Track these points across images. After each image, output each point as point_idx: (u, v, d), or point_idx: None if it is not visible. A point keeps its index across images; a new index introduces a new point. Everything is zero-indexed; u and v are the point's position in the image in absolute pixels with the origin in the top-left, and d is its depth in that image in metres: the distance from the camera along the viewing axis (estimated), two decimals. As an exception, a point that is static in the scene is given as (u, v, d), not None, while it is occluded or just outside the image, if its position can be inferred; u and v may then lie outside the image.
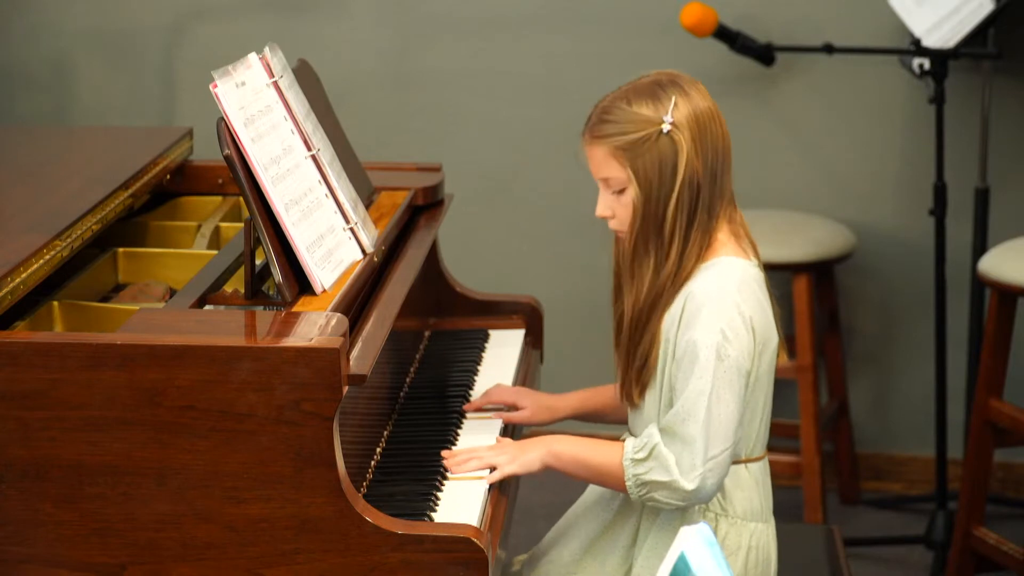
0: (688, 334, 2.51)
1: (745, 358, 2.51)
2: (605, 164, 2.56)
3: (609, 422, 2.90)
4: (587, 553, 2.74)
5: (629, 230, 2.57)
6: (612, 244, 2.69)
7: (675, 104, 2.52)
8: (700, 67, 4.28)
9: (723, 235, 2.59)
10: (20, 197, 2.88)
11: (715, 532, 2.60)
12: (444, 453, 2.65)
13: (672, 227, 2.53)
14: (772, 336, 2.59)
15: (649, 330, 2.58)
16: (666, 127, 2.51)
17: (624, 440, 2.60)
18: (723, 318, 2.49)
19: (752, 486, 2.63)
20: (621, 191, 2.56)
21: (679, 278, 2.55)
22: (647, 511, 2.66)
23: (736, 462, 2.60)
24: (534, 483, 4.19)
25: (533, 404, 2.89)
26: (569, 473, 2.61)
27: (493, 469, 2.60)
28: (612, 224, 2.61)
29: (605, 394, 2.87)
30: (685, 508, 2.55)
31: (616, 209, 2.58)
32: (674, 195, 2.52)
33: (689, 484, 2.48)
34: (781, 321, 2.65)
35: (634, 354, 2.61)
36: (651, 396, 2.61)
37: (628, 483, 2.53)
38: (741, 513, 2.62)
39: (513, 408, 2.89)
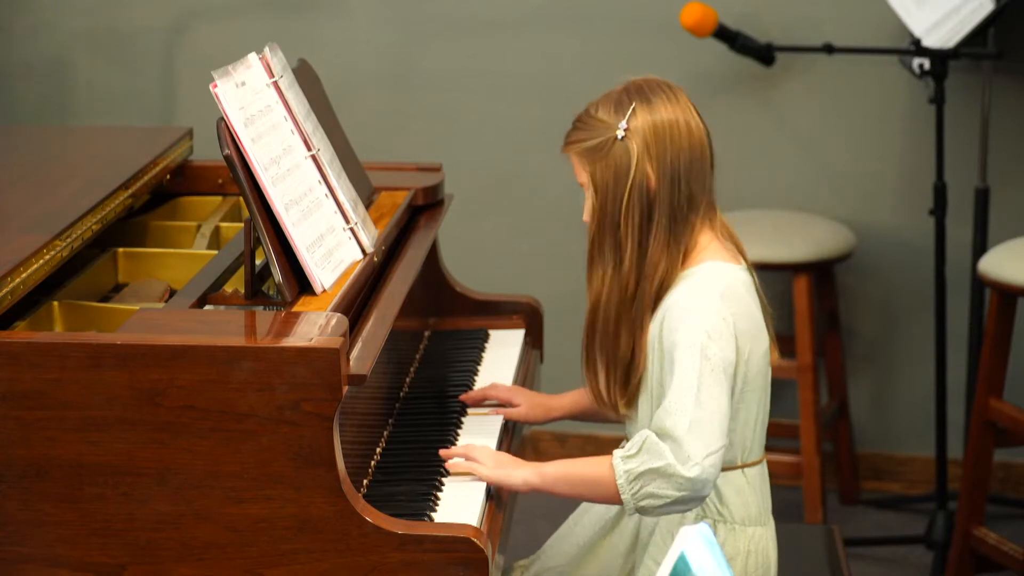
0: (671, 338, 2.51)
1: (730, 359, 2.50)
2: (578, 169, 2.60)
3: (604, 421, 2.89)
4: (587, 558, 2.74)
5: (587, 234, 2.59)
6: None
7: (633, 111, 2.54)
8: (700, 67, 4.28)
9: (705, 239, 2.59)
10: (20, 197, 2.88)
11: (713, 537, 2.59)
12: (442, 452, 2.64)
13: (625, 233, 2.55)
14: (760, 341, 2.57)
15: (620, 339, 2.57)
16: (620, 133, 2.54)
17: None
18: (706, 322, 2.49)
19: (749, 491, 2.62)
20: None
21: (643, 287, 2.54)
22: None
23: (732, 467, 2.60)
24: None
25: (528, 402, 2.90)
26: (557, 492, 2.57)
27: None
28: None
29: None
30: (685, 504, 2.50)
31: None
32: (624, 201, 2.53)
33: (687, 472, 2.44)
34: (777, 321, 2.65)
35: (613, 362, 2.61)
36: (644, 405, 2.60)
37: (619, 481, 2.47)
38: (739, 518, 2.61)
39: (508, 405, 2.89)
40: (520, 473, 2.57)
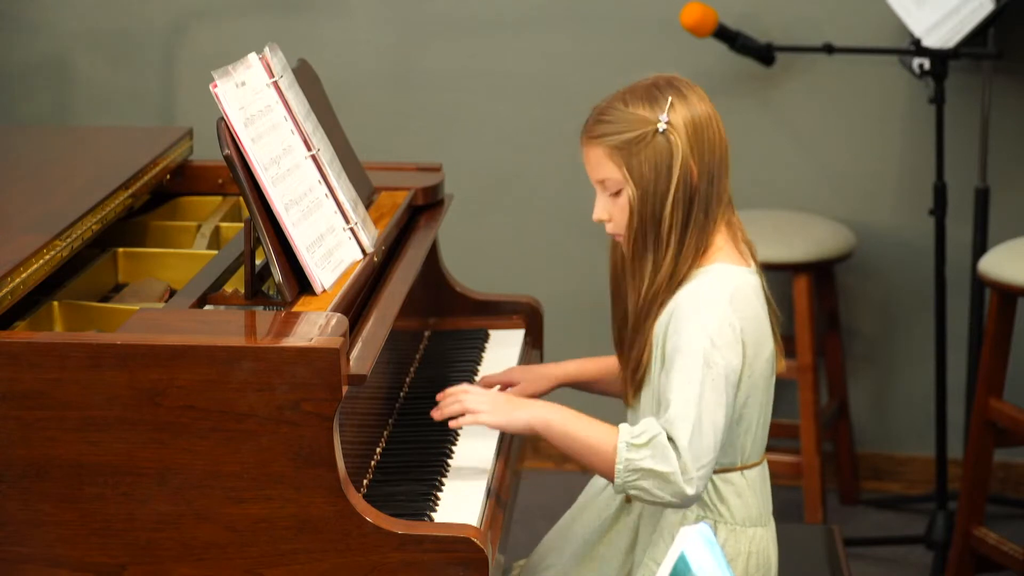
0: (675, 340, 2.50)
1: (734, 367, 2.50)
2: (601, 165, 2.56)
3: (602, 392, 2.88)
4: (586, 557, 2.74)
5: (627, 231, 2.57)
6: (610, 247, 2.68)
7: (671, 104, 2.52)
8: (700, 67, 4.28)
9: (721, 239, 2.58)
10: (20, 197, 2.88)
11: (713, 538, 2.59)
12: (435, 414, 2.64)
13: (669, 227, 2.53)
14: (766, 345, 2.57)
15: (643, 332, 2.58)
16: (661, 126, 2.51)
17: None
18: (711, 326, 2.48)
19: (749, 492, 2.62)
20: (617, 193, 2.56)
21: (673, 280, 2.54)
22: (646, 514, 2.65)
23: (732, 469, 2.60)
24: (534, 484, 4.20)
25: (525, 377, 2.88)
26: (556, 444, 2.55)
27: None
28: (609, 227, 2.60)
29: (600, 363, 2.85)
30: (669, 504, 2.50)
31: (613, 212, 2.58)
32: (670, 195, 2.52)
33: (688, 489, 2.46)
34: (780, 323, 2.64)
35: (629, 356, 2.61)
36: (647, 395, 2.61)
37: (618, 466, 2.47)
38: (739, 519, 2.61)
39: (508, 387, 2.88)
40: (522, 416, 2.56)
